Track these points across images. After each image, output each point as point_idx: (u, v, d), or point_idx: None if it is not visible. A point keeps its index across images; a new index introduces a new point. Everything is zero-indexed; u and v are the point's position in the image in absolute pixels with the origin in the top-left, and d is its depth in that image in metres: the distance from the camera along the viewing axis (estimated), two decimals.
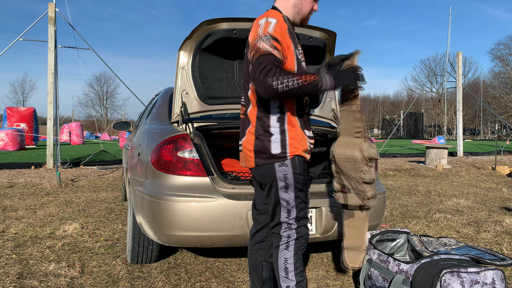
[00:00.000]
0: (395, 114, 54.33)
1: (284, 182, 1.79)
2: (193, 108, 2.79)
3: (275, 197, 1.82)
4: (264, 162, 1.79)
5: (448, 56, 14.66)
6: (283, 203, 1.81)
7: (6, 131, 15.16)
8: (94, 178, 7.28)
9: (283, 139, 1.79)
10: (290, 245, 1.83)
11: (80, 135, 23.30)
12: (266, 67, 1.58)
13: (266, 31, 1.67)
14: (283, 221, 1.82)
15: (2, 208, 4.62)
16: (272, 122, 1.79)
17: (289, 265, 1.82)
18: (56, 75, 8.75)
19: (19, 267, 2.70)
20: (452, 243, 2.45)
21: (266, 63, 1.59)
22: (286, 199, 1.80)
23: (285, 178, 1.79)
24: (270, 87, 1.57)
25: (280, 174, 1.79)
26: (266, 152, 1.78)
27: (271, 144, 1.78)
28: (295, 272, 1.83)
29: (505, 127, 43.58)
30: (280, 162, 1.77)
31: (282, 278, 1.83)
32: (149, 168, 2.42)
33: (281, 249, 1.83)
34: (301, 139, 1.82)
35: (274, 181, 1.80)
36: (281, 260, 1.83)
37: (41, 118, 27.71)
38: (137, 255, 2.69)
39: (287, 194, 1.80)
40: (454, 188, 6.49)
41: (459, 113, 13.47)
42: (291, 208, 1.81)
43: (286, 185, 1.80)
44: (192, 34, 2.56)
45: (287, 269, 1.82)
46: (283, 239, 1.83)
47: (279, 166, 1.77)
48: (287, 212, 1.82)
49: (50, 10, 8.70)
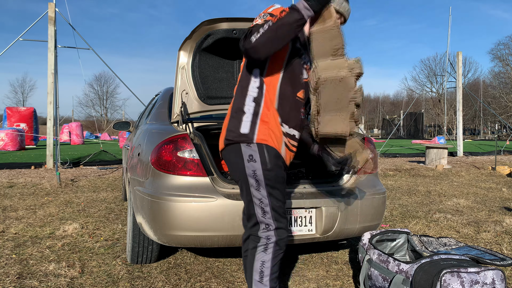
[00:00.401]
0: (395, 114, 54.32)
1: (254, 179, 1.71)
2: (193, 108, 2.79)
3: (247, 194, 1.75)
4: (229, 142, 1.73)
5: (448, 56, 14.66)
6: (256, 201, 1.73)
7: (6, 131, 15.16)
8: (94, 178, 7.28)
9: (253, 120, 1.72)
10: (269, 248, 1.73)
11: (80, 135, 23.30)
12: (248, 29, 1.58)
13: (266, 11, 1.68)
14: (260, 221, 1.74)
15: (2, 208, 4.62)
16: (248, 100, 1.74)
17: (265, 269, 1.71)
18: (56, 75, 8.75)
19: (19, 267, 2.70)
20: (452, 243, 2.45)
21: (251, 29, 1.59)
22: (258, 197, 1.72)
23: (255, 175, 1.71)
24: (249, 43, 1.56)
25: (249, 170, 1.71)
26: (235, 131, 1.73)
27: (241, 123, 1.72)
28: (270, 278, 1.72)
29: (505, 127, 43.57)
30: (246, 145, 1.70)
31: (255, 282, 1.72)
32: (149, 168, 2.42)
33: (259, 251, 1.73)
34: (275, 130, 1.74)
35: (244, 178, 1.73)
36: (257, 263, 1.72)
37: (41, 118, 27.71)
38: (137, 255, 2.69)
39: (258, 192, 1.72)
40: (454, 188, 6.49)
41: (459, 113, 13.47)
42: (265, 207, 1.72)
43: (256, 182, 1.71)
44: (192, 34, 2.56)
45: (262, 273, 1.71)
46: (261, 241, 1.74)
47: (247, 161, 1.70)
48: (262, 211, 1.73)
49: (50, 10, 8.71)
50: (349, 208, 2.43)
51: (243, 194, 1.77)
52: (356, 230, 2.50)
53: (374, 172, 2.77)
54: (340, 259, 2.99)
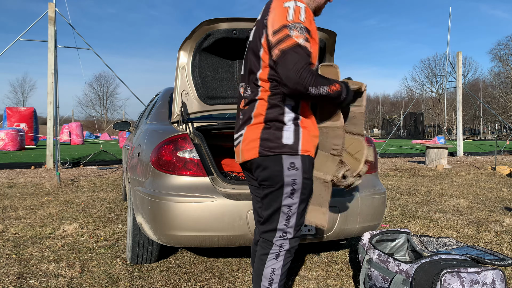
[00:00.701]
0: (395, 114, 54.34)
1: (291, 187, 1.65)
2: (193, 108, 2.79)
3: (276, 202, 1.67)
4: (270, 153, 1.62)
5: (448, 56, 14.66)
6: (285, 209, 1.67)
7: (6, 131, 15.16)
8: (94, 178, 7.28)
9: (296, 130, 1.64)
10: (281, 255, 1.71)
11: (80, 135, 23.30)
12: (303, 67, 1.47)
13: (298, 18, 1.53)
14: (279, 228, 1.70)
15: (2, 208, 4.62)
16: (286, 109, 1.64)
17: (275, 276, 1.71)
18: (56, 75, 8.75)
19: (19, 267, 2.70)
20: (452, 243, 2.45)
21: (303, 61, 1.48)
22: (289, 205, 1.67)
23: (293, 183, 1.64)
24: (304, 90, 1.49)
25: (289, 178, 1.63)
26: (275, 141, 1.62)
27: (283, 133, 1.63)
28: (278, 284, 1.72)
29: (505, 127, 43.58)
30: (288, 156, 1.62)
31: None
32: (149, 168, 2.42)
33: (270, 258, 1.71)
34: (314, 137, 1.69)
35: (280, 185, 1.64)
36: (268, 270, 1.71)
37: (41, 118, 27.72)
38: (137, 255, 2.69)
39: (291, 200, 1.66)
40: (454, 188, 6.49)
41: (459, 113, 13.47)
42: (292, 215, 1.68)
43: (292, 190, 1.65)
44: (192, 34, 2.56)
45: (272, 280, 1.71)
46: (274, 248, 1.71)
47: (288, 170, 1.62)
48: (286, 219, 1.69)
49: (50, 10, 8.71)
50: (349, 208, 2.43)
51: (271, 200, 1.68)
52: (356, 230, 2.50)
53: (374, 172, 2.77)
54: (340, 259, 2.99)
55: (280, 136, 1.62)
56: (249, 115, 1.69)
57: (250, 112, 1.69)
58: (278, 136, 1.62)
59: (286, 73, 1.49)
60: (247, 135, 1.68)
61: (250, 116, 1.68)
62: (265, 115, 1.64)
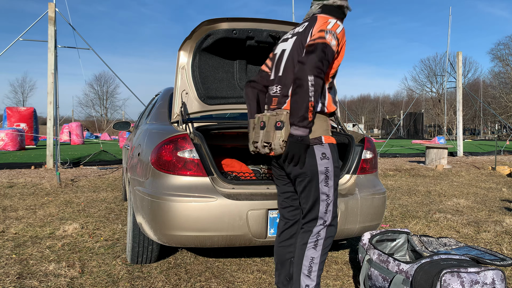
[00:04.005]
0: (395, 114, 54.34)
1: (325, 175, 1.84)
2: (193, 108, 2.79)
3: (315, 191, 1.84)
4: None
5: (448, 56, 14.66)
6: (323, 197, 1.85)
7: (6, 131, 15.15)
8: (94, 178, 7.28)
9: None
10: (319, 244, 1.86)
11: (80, 135, 23.30)
12: (323, 62, 1.74)
13: (334, 29, 1.84)
14: (320, 216, 1.86)
15: (2, 208, 4.62)
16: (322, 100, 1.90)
17: (314, 264, 1.85)
18: (56, 75, 8.75)
19: (19, 267, 2.70)
20: (452, 243, 2.45)
21: (325, 59, 1.75)
22: (327, 192, 1.84)
23: (327, 171, 1.84)
24: (309, 74, 1.71)
25: (322, 167, 1.83)
26: None
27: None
28: (317, 273, 1.86)
29: (505, 127, 43.58)
30: (319, 145, 1.83)
31: (303, 275, 1.85)
32: (149, 168, 2.42)
33: (309, 247, 1.86)
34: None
35: (315, 174, 1.83)
36: (307, 259, 1.85)
37: (41, 118, 27.72)
38: (137, 255, 2.69)
39: (327, 188, 1.85)
40: (454, 188, 6.49)
41: (459, 113, 13.47)
42: (330, 202, 1.85)
43: (326, 177, 1.84)
44: (192, 34, 2.56)
45: (311, 268, 1.85)
46: (312, 237, 1.86)
47: (320, 159, 1.82)
48: (326, 206, 1.85)
49: (50, 10, 8.71)
50: (349, 208, 2.43)
51: (309, 190, 1.85)
52: (356, 230, 2.50)
53: (374, 172, 2.77)
54: (340, 259, 2.99)
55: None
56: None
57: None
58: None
59: (311, 56, 1.75)
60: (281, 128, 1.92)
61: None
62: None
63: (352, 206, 2.44)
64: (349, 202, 2.44)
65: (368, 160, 2.70)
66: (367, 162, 2.69)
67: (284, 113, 1.85)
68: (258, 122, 2.00)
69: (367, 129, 69.65)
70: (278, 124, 1.85)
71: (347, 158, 2.66)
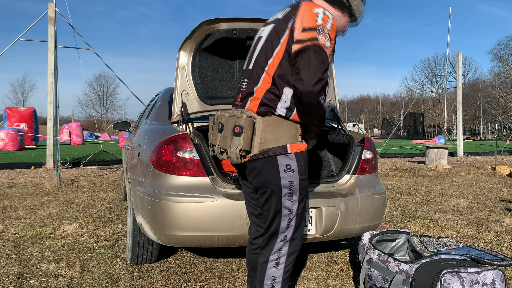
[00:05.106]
0: (395, 114, 54.35)
1: (288, 189, 1.63)
2: (193, 108, 2.79)
3: (277, 205, 1.65)
4: (264, 155, 1.61)
5: (448, 56, 14.66)
6: (285, 211, 1.66)
7: (6, 131, 15.15)
8: (94, 178, 7.28)
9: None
10: (281, 262, 1.69)
11: (80, 135, 23.30)
12: (323, 74, 1.54)
13: (325, 24, 1.59)
14: (281, 231, 1.68)
15: (2, 208, 4.62)
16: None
17: (276, 283, 1.69)
18: (56, 75, 8.75)
19: (19, 267, 2.70)
20: (452, 243, 2.45)
21: (324, 67, 1.55)
22: (289, 207, 1.65)
23: (291, 185, 1.63)
24: (316, 98, 1.54)
25: (286, 181, 1.62)
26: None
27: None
28: None
29: (505, 127, 43.57)
30: (283, 156, 1.61)
31: None
32: (149, 168, 2.42)
33: (270, 266, 1.69)
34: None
35: (277, 188, 1.63)
36: (268, 278, 1.69)
37: (41, 118, 27.70)
38: (137, 255, 2.69)
39: (290, 202, 1.65)
40: (454, 188, 6.49)
41: (459, 113, 13.47)
42: (293, 217, 1.67)
43: (290, 191, 1.64)
44: (192, 34, 2.56)
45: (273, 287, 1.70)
46: (273, 254, 1.69)
47: (284, 172, 1.61)
48: (288, 221, 1.67)
49: (50, 10, 8.71)
50: (349, 208, 2.43)
51: (269, 204, 1.67)
52: (356, 230, 2.50)
53: (374, 172, 2.77)
54: (340, 259, 2.99)
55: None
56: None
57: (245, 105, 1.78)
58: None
59: (307, 73, 1.53)
60: None
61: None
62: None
63: (352, 206, 2.44)
64: (349, 202, 2.44)
65: (368, 160, 2.70)
66: (367, 162, 2.69)
67: (244, 116, 1.61)
68: (216, 123, 1.76)
69: (367, 129, 69.65)
70: (236, 130, 1.61)
71: (347, 158, 2.66)
